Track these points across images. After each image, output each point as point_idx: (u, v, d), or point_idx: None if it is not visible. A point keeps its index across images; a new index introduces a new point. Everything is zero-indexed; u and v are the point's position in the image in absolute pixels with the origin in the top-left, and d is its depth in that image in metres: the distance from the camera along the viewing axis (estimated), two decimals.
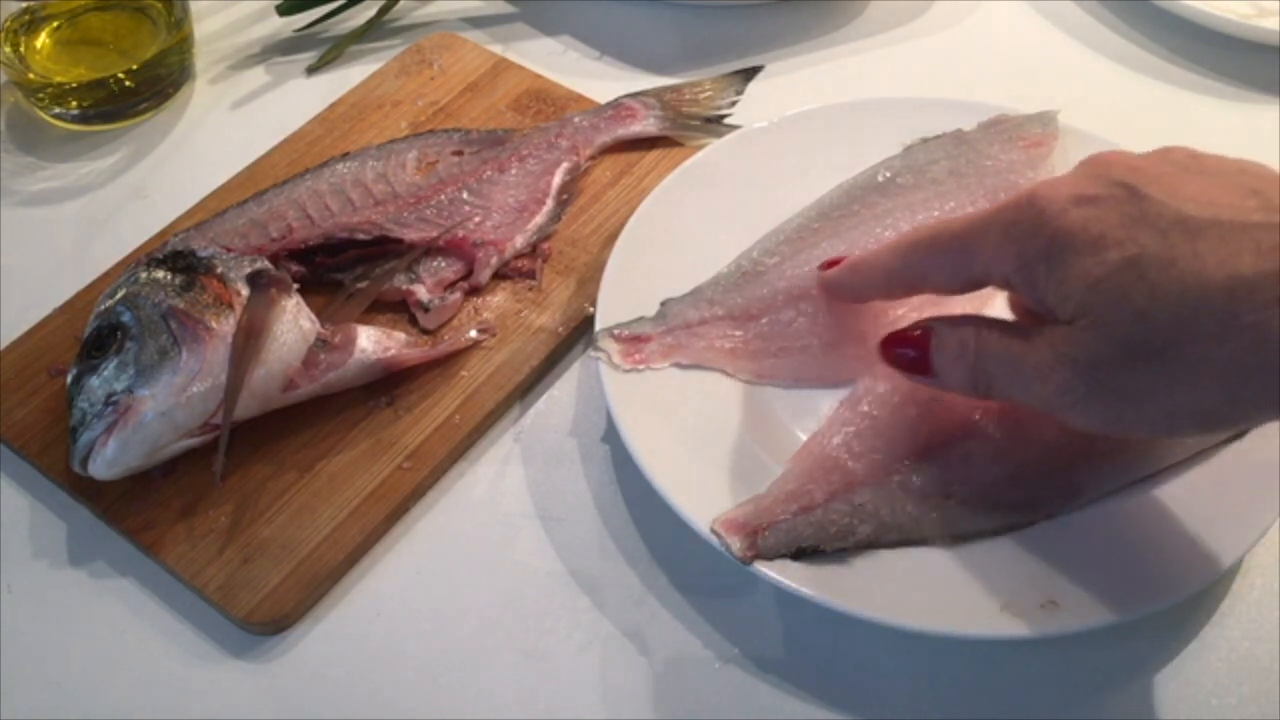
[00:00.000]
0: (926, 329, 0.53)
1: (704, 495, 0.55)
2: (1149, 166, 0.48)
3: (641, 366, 0.60)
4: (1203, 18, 0.79)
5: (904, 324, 0.62)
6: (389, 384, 0.63)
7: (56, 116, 0.77)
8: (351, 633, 0.56)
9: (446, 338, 0.64)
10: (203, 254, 0.62)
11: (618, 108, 0.74)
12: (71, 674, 0.55)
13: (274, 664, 0.55)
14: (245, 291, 0.60)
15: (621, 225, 0.66)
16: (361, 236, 0.66)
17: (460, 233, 0.67)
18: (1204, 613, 0.54)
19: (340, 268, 0.66)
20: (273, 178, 0.71)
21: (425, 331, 0.65)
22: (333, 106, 0.77)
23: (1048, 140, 0.67)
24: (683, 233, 0.66)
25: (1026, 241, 0.48)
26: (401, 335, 0.63)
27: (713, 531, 0.54)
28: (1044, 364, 0.47)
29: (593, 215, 0.71)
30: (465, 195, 0.69)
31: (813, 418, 0.60)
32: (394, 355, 0.62)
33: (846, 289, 0.59)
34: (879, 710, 0.53)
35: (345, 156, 0.71)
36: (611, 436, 0.61)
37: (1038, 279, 0.48)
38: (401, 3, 0.84)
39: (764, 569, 0.53)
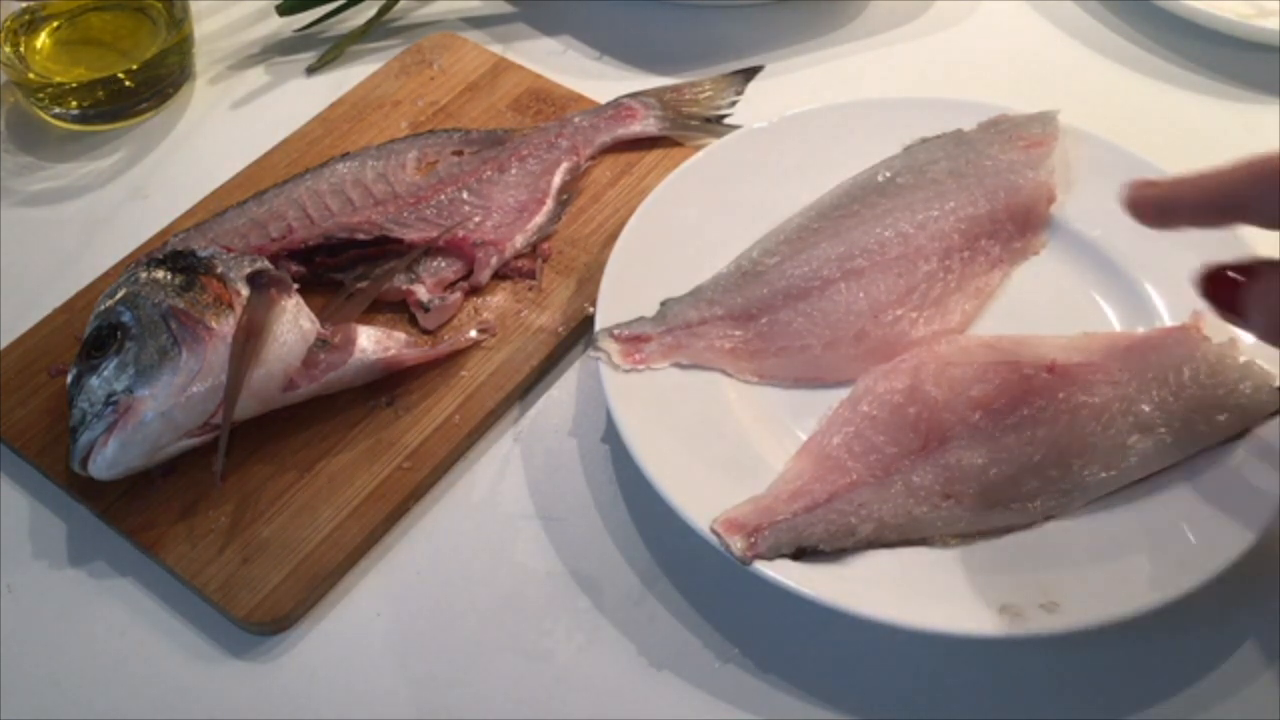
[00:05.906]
0: (1248, 269, 0.49)
1: (704, 495, 0.55)
2: None
3: (641, 366, 0.60)
4: (1203, 18, 0.79)
5: (903, 324, 0.62)
6: (389, 384, 0.62)
7: (56, 116, 0.77)
8: (351, 633, 0.56)
9: (446, 338, 0.64)
10: (203, 254, 0.62)
11: (618, 108, 0.74)
12: (71, 674, 0.55)
13: (274, 664, 0.55)
14: (245, 291, 0.60)
15: (621, 225, 0.66)
16: (361, 236, 0.66)
17: (460, 233, 0.67)
18: (1204, 613, 0.54)
19: (340, 268, 0.66)
20: (273, 178, 0.71)
21: (425, 331, 0.65)
22: (333, 106, 0.77)
23: (1048, 140, 0.67)
24: (683, 233, 0.66)
25: None
26: (401, 335, 0.63)
27: (713, 531, 0.54)
28: None
29: (593, 215, 0.70)
30: (465, 195, 0.69)
31: (813, 418, 0.60)
32: (394, 355, 0.62)
33: (1157, 206, 0.53)
34: (879, 710, 0.53)
35: (345, 156, 0.71)
36: (611, 436, 0.61)
37: None
38: (401, 3, 0.84)
39: (764, 569, 0.53)
